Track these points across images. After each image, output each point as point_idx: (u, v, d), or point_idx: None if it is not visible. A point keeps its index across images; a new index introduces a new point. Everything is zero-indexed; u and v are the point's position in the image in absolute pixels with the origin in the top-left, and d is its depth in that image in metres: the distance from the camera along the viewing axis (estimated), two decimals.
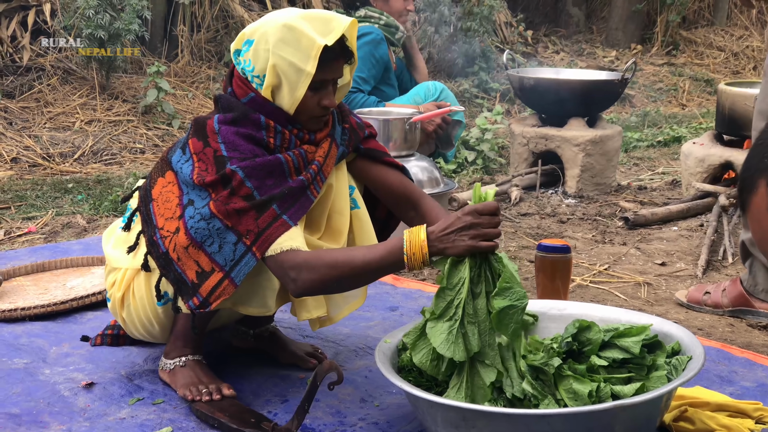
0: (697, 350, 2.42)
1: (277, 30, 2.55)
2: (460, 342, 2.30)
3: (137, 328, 2.84)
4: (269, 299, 2.64)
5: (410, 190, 2.89)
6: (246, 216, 2.49)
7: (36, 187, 5.73)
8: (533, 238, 4.73)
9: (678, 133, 7.85)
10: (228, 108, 2.62)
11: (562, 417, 2.19)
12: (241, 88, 2.64)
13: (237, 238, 2.49)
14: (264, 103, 2.61)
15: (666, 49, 12.00)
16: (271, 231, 2.49)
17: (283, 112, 2.62)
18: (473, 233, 2.36)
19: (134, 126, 7.24)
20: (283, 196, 2.53)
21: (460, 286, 2.34)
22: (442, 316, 2.34)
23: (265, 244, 2.48)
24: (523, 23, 11.45)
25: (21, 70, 7.63)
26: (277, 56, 2.55)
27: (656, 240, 4.75)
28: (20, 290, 3.69)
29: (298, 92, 2.57)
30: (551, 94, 5.72)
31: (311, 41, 2.52)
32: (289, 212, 2.54)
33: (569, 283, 3.50)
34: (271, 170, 2.54)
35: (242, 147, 2.54)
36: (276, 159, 2.56)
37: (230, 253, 2.49)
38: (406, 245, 2.40)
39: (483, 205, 2.39)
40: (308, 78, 2.55)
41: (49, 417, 2.65)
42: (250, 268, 2.50)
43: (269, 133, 2.60)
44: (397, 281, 3.93)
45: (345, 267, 2.45)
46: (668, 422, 2.51)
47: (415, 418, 2.62)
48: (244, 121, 2.59)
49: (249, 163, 2.51)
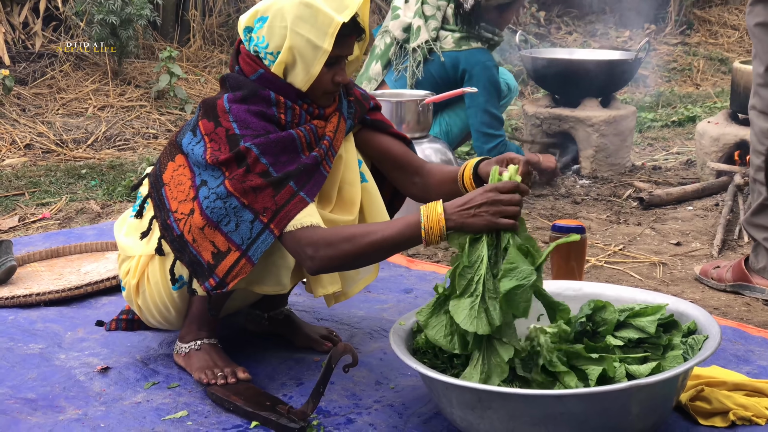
0: (713, 329, 2.41)
1: (294, 7, 2.54)
2: (483, 316, 2.28)
3: (153, 315, 2.83)
4: (284, 277, 2.64)
5: (413, 157, 2.90)
6: (263, 193, 2.48)
7: (50, 174, 5.74)
8: (547, 219, 4.71)
9: (692, 112, 7.80)
10: (237, 86, 2.62)
11: (578, 397, 2.18)
12: (250, 66, 2.63)
13: (254, 216, 2.48)
14: (274, 80, 2.61)
15: (680, 29, 11.92)
16: (289, 207, 2.49)
17: (293, 88, 2.61)
18: (493, 210, 2.33)
19: (147, 111, 7.24)
20: (299, 172, 2.54)
21: (479, 264, 2.33)
22: (464, 293, 2.32)
23: (284, 221, 2.48)
24: (535, 4, 11.39)
25: (33, 56, 7.64)
26: (294, 33, 2.54)
27: (671, 220, 4.73)
28: (35, 276, 3.70)
29: (314, 69, 2.57)
30: (564, 75, 5.69)
31: (329, 18, 2.52)
32: (306, 188, 2.54)
33: (584, 264, 3.49)
34: (284, 146, 2.54)
35: (254, 124, 2.54)
36: (289, 135, 2.55)
37: (247, 231, 2.49)
38: (424, 219, 2.38)
39: (503, 183, 2.37)
40: (325, 55, 2.55)
41: (65, 401, 2.66)
42: (267, 246, 2.50)
43: (280, 109, 2.60)
44: (411, 263, 3.93)
45: (363, 243, 2.44)
46: (685, 402, 2.51)
47: (430, 400, 2.62)
48: (254, 98, 2.58)
49: (263, 140, 2.51)
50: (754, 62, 3.61)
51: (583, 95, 5.72)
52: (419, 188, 2.86)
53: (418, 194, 2.86)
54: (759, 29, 3.52)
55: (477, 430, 2.30)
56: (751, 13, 3.56)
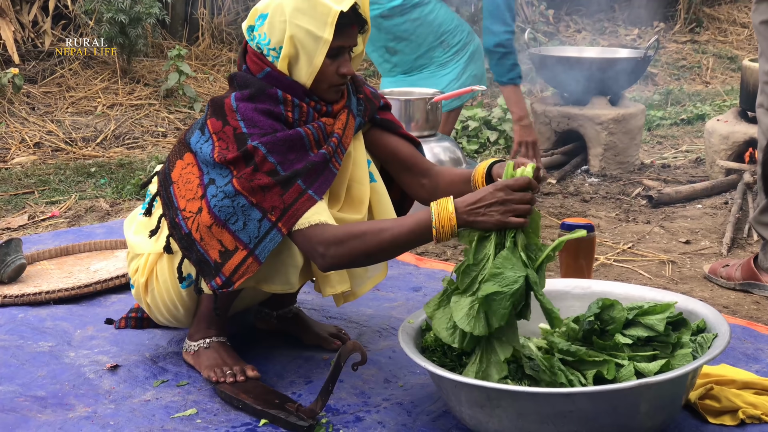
0: (722, 328, 2.40)
1: (292, 0, 2.55)
2: (481, 317, 2.28)
3: (162, 313, 2.84)
4: (292, 276, 2.64)
5: (422, 159, 2.89)
6: (271, 192, 2.48)
7: (59, 172, 5.75)
8: (556, 217, 4.71)
9: (701, 110, 7.79)
10: (244, 85, 2.62)
11: (587, 395, 2.18)
12: (256, 64, 2.63)
13: (262, 214, 2.48)
14: (280, 77, 2.61)
15: (689, 27, 11.90)
16: (297, 206, 2.49)
17: (300, 86, 2.61)
18: (504, 209, 2.32)
19: (156, 110, 7.25)
20: (307, 170, 2.53)
21: (484, 262, 2.32)
22: (466, 291, 2.32)
23: (292, 219, 2.48)
24: (544, 2, 11.38)
25: (43, 55, 7.65)
26: (293, 25, 2.54)
27: (680, 218, 4.73)
28: (44, 274, 3.71)
29: (316, 60, 2.57)
30: (573, 73, 5.68)
31: (327, 8, 2.52)
32: (314, 187, 2.54)
33: (593, 262, 3.48)
34: (292, 145, 2.54)
35: (262, 123, 2.54)
36: (296, 133, 2.55)
37: (255, 230, 2.49)
38: (435, 218, 2.37)
39: (515, 180, 2.35)
40: (326, 45, 2.54)
41: (75, 399, 2.66)
42: (275, 245, 2.49)
43: (287, 107, 2.60)
44: (420, 261, 3.93)
45: (373, 240, 2.44)
46: (694, 400, 2.50)
47: (439, 398, 2.62)
48: (262, 96, 2.58)
49: (270, 138, 2.51)
50: (760, 60, 3.60)
51: (592, 93, 5.72)
52: (427, 190, 2.85)
53: (426, 197, 2.84)
54: (764, 27, 3.52)
55: (486, 428, 2.30)
56: (757, 11, 3.55)
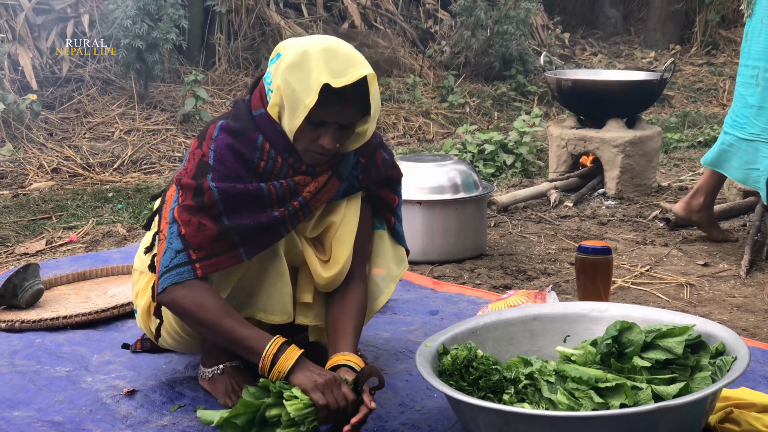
0: (741, 351, 2.39)
1: (296, 54, 2.48)
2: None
3: (165, 340, 2.83)
4: (288, 305, 2.64)
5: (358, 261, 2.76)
6: (206, 234, 2.46)
7: (76, 197, 5.78)
8: (573, 240, 4.69)
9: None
10: (236, 117, 2.59)
11: (606, 419, 2.16)
12: (258, 100, 2.60)
13: (183, 247, 2.47)
14: (269, 124, 2.56)
15: (705, 49, 11.91)
16: (223, 259, 2.47)
17: (285, 138, 2.56)
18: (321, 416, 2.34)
19: (173, 135, 7.28)
20: (250, 229, 2.50)
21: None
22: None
23: (212, 268, 2.47)
24: (560, 26, 11.41)
25: (60, 81, 7.70)
26: (284, 79, 2.49)
27: (698, 240, 4.70)
28: (62, 299, 3.71)
29: (295, 121, 2.50)
30: (589, 96, 5.68)
31: (318, 75, 2.45)
32: (248, 246, 2.50)
33: (610, 285, 3.47)
34: (247, 200, 2.50)
35: (229, 164, 2.51)
36: (258, 189, 2.51)
37: (168, 259, 2.48)
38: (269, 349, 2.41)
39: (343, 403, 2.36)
40: (305, 110, 2.47)
41: (92, 424, 2.66)
42: (180, 280, 2.47)
43: (263, 155, 2.55)
44: (437, 285, 3.92)
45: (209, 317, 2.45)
46: (713, 424, 2.48)
47: (456, 422, 2.61)
48: (243, 138, 2.54)
49: (228, 187, 2.47)
50: None
51: (609, 116, 5.72)
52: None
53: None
54: None
55: None
56: None
